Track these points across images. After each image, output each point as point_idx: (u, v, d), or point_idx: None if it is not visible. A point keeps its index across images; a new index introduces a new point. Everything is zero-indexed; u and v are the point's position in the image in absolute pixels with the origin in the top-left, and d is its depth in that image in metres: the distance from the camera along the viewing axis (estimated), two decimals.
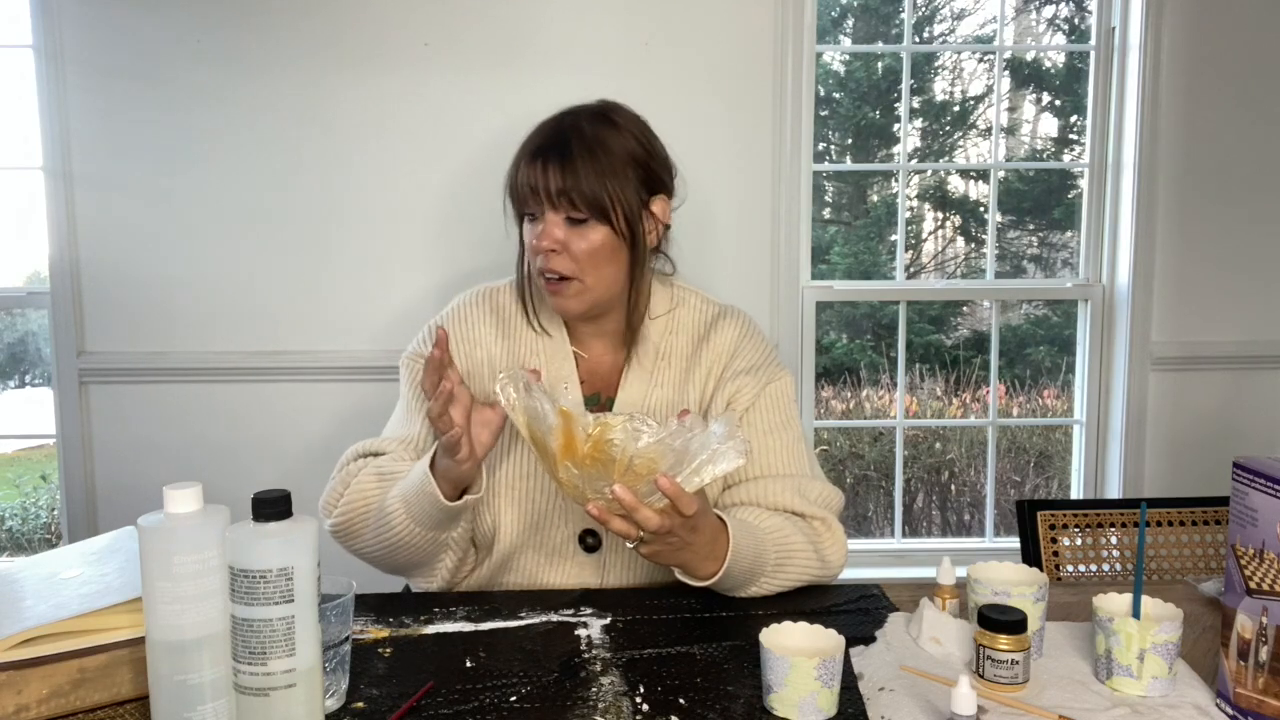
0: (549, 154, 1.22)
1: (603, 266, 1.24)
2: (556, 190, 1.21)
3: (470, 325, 1.34)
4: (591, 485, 1.01)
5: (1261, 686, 0.87)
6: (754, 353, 1.35)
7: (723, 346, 1.34)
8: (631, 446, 0.98)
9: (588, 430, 0.99)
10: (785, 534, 1.19)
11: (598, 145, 1.23)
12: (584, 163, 1.21)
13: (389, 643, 1.07)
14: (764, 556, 1.16)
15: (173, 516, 0.81)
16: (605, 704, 0.93)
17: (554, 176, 1.21)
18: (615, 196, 1.22)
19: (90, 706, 0.91)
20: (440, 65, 2.16)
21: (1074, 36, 3.03)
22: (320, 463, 2.19)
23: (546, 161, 1.22)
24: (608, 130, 1.25)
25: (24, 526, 3.93)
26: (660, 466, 0.99)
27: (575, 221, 1.22)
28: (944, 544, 2.72)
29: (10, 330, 3.50)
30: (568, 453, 1.00)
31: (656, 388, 1.31)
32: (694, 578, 1.13)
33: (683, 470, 0.99)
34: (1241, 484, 0.89)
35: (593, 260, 1.23)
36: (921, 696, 0.93)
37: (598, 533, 1.28)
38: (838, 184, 3.71)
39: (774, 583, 1.19)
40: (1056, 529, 1.59)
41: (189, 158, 2.16)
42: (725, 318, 1.36)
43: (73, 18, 2.12)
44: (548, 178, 1.21)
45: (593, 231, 1.23)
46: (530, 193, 1.23)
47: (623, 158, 1.24)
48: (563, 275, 1.23)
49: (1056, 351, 3.50)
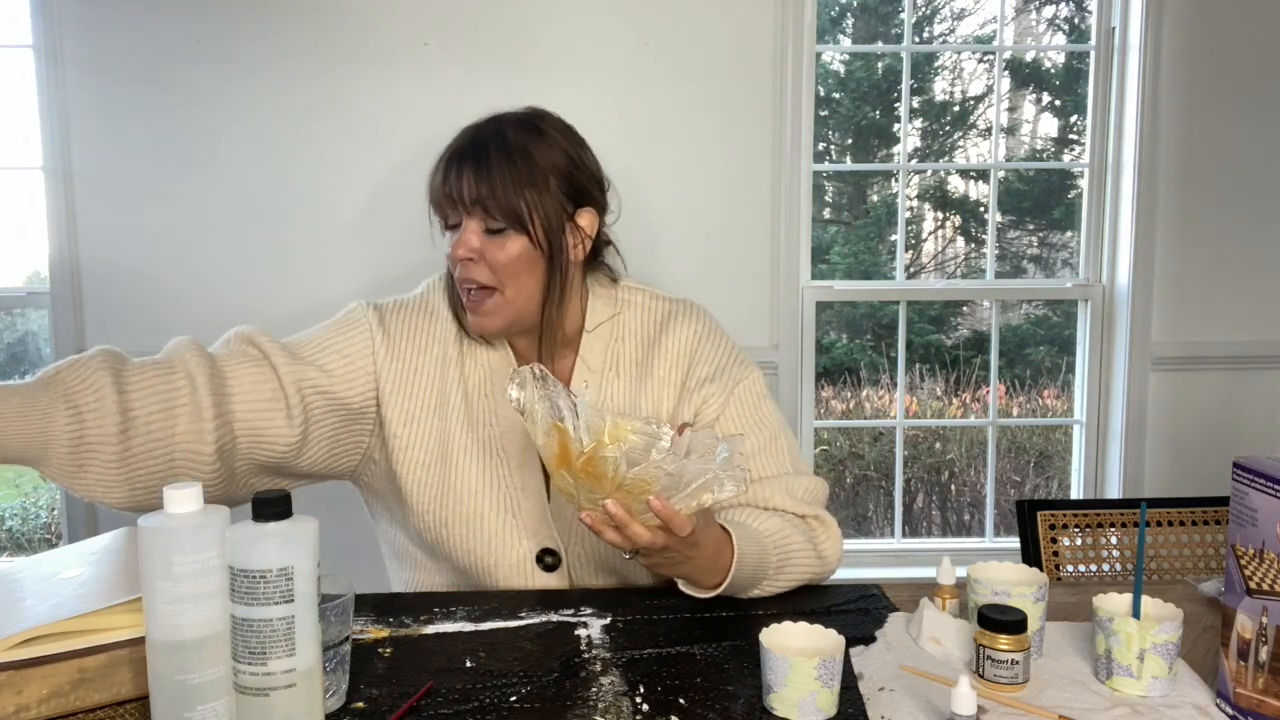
0: (466, 159, 1.17)
1: (521, 278, 1.18)
2: (471, 198, 1.15)
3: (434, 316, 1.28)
4: (586, 495, 1.00)
5: (1261, 686, 0.87)
6: (714, 355, 1.28)
7: (678, 350, 1.27)
8: (623, 467, 0.97)
9: (582, 448, 0.98)
10: (785, 535, 1.17)
11: (518, 153, 1.17)
12: (501, 170, 1.15)
13: (389, 643, 1.07)
14: (766, 561, 1.14)
15: (173, 516, 0.81)
16: (605, 704, 0.93)
17: (469, 183, 1.15)
18: (533, 206, 1.16)
19: (90, 706, 0.91)
20: (440, 65, 2.16)
21: (1074, 36, 3.03)
22: None
23: (463, 167, 1.16)
24: (532, 138, 1.19)
25: (24, 526, 3.93)
26: (653, 489, 0.97)
27: (493, 231, 1.17)
28: (944, 544, 2.72)
29: (10, 330, 3.50)
30: (562, 463, 0.99)
31: (609, 400, 1.25)
32: (697, 589, 1.12)
33: (678, 494, 0.98)
34: (1241, 484, 0.89)
35: (510, 271, 1.17)
36: (921, 696, 0.93)
37: (556, 551, 1.24)
38: (838, 184, 3.71)
39: (775, 585, 1.18)
40: (1056, 529, 1.59)
41: (189, 157, 2.17)
42: (676, 317, 1.28)
43: (73, 18, 2.12)
44: (463, 184, 1.16)
45: (510, 242, 1.17)
46: (446, 199, 1.18)
47: (545, 167, 1.18)
48: (481, 284, 1.17)
49: (1056, 351, 3.51)
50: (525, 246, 1.17)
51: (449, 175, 1.17)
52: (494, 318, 1.19)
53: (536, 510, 1.24)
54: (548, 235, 1.18)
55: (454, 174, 1.17)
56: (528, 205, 1.16)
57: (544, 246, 1.18)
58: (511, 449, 1.24)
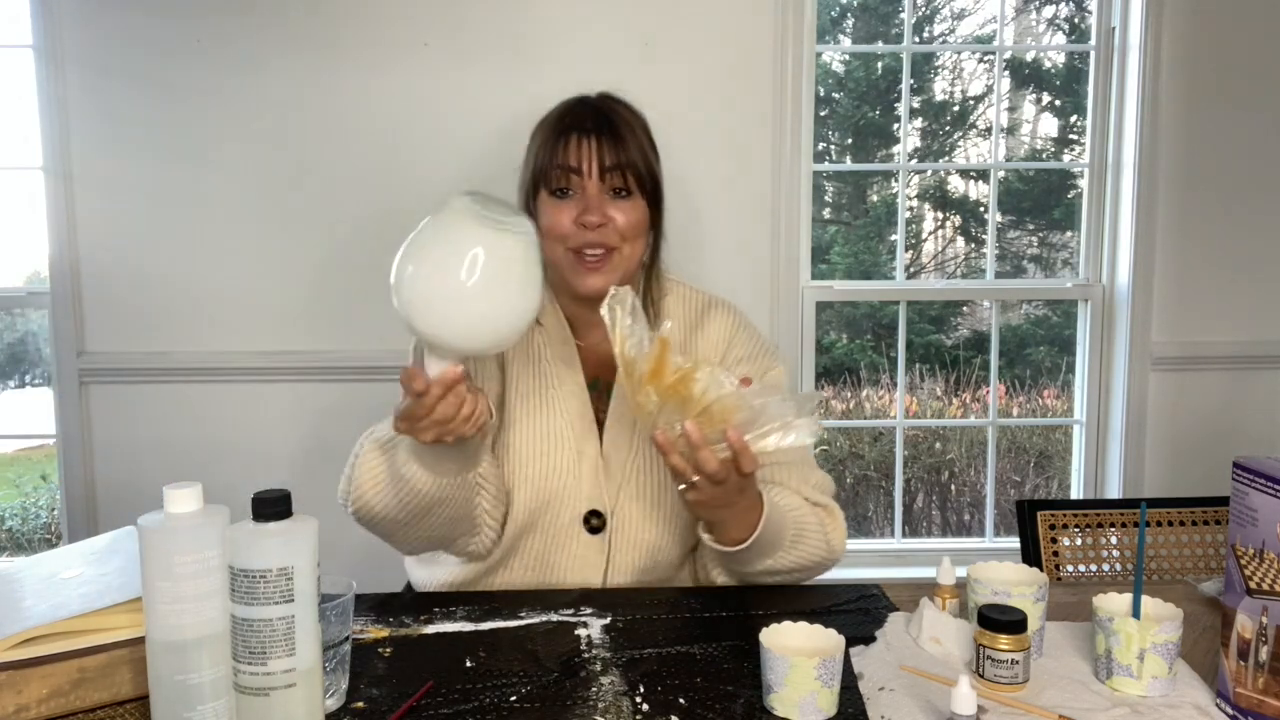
0: (593, 129, 1.24)
1: (638, 240, 1.27)
2: (611, 163, 1.23)
3: None
4: (665, 417, 1.03)
5: (1261, 686, 0.87)
6: (749, 343, 1.36)
7: (717, 336, 1.35)
8: (713, 392, 1.00)
9: (678, 363, 1.02)
10: (801, 514, 1.22)
11: (638, 125, 1.29)
12: (633, 137, 1.26)
13: (389, 642, 1.07)
14: (784, 533, 1.19)
15: (173, 516, 0.81)
16: (605, 704, 0.93)
17: (607, 151, 1.23)
18: (654, 172, 1.28)
19: (90, 706, 0.91)
20: (440, 65, 2.16)
21: (1074, 36, 3.03)
22: (320, 463, 2.20)
23: (598, 135, 1.24)
24: (629, 111, 1.31)
25: (24, 526, 3.93)
26: (733, 420, 1.01)
27: (618, 194, 1.25)
28: (944, 544, 2.72)
29: (10, 330, 3.50)
30: (654, 378, 1.02)
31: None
32: (722, 541, 1.15)
33: (751, 431, 1.02)
34: (1241, 484, 0.89)
35: (632, 232, 1.25)
36: (921, 696, 0.93)
37: (602, 514, 1.28)
38: (838, 184, 3.71)
39: (786, 559, 1.20)
40: (1056, 529, 1.59)
41: (189, 157, 2.17)
42: (716, 308, 1.38)
43: (73, 18, 2.12)
44: (601, 151, 1.23)
45: (635, 204, 1.26)
46: (572, 168, 1.24)
47: (646, 136, 1.30)
48: (609, 246, 1.24)
49: (1056, 351, 3.50)
50: (644, 209, 1.27)
51: (572, 144, 1.24)
52: (611, 275, 1.25)
53: (590, 472, 1.28)
54: (657, 201, 1.29)
55: (580, 143, 1.24)
56: (651, 173, 1.27)
57: (655, 209, 1.29)
58: (572, 413, 1.29)
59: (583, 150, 1.24)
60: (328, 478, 1.34)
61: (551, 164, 1.24)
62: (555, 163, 1.24)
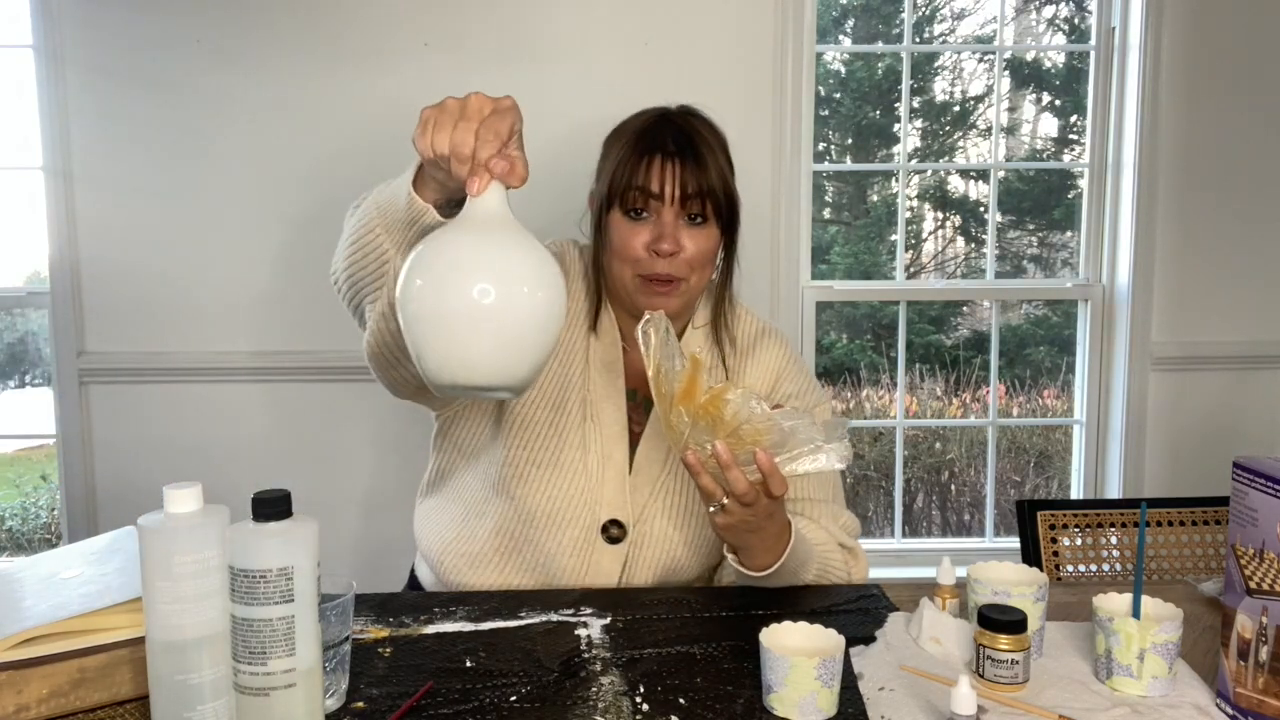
0: (676, 153, 1.20)
1: (706, 268, 1.25)
2: (692, 191, 1.20)
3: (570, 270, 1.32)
4: (696, 437, 1.04)
5: (1261, 686, 0.87)
6: (799, 378, 1.36)
7: (768, 365, 1.35)
8: (744, 413, 1.01)
9: (710, 385, 1.03)
10: (828, 551, 1.23)
11: (720, 148, 1.25)
12: (716, 164, 1.22)
13: (389, 642, 1.07)
14: (809, 563, 1.19)
15: (173, 516, 0.81)
16: (605, 704, 0.93)
17: (689, 176, 1.20)
18: (732, 197, 1.24)
19: (90, 706, 0.91)
20: (440, 65, 2.16)
21: (1074, 36, 3.03)
22: (321, 463, 2.20)
23: (681, 160, 1.20)
24: (711, 130, 1.27)
25: (24, 526, 3.93)
26: (763, 442, 1.02)
27: (693, 221, 1.22)
28: (944, 544, 2.72)
29: (10, 330, 3.50)
30: (686, 398, 1.03)
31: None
32: (748, 566, 1.15)
33: (780, 454, 1.02)
34: (1241, 484, 0.89)
35: (701, 261, 1.23)
36: (921, 696, 0.93)
37: (623, 524, 1.27)
38: (838, 184, 3.71)
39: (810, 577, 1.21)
40: (1056, 529, 1.59)
41: (189, 157, 2.17)
42: (769, 336, 1.37)
43: (73, 18, 2.12)
44: (683, 177, 1.20)
45: (709, 232, 1.23)
46: (653, 193, 1.20)
47: (726, 157, 1.26)
48: (675, 278, 1.22)
49: (1056, 351, 3.50)
50: (717, 236, 1.25)
51: (655, 167, 1.20)
52: (675, 301, 1.24)
53: (615, 479, 1.27)
54: (732, 227, 1.26)
55: (664, 167, 1.20)
56: (730, 198, 1.24)
57: (727, 238, 1.26)
58: (604, 418, 1.28)
59: (666, 174, 1.20)
60: (328, 478, 1.34)
61: (631, 184, 1.21)
62: (634, 184, 1.21)
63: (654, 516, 1.27)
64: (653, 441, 1.29)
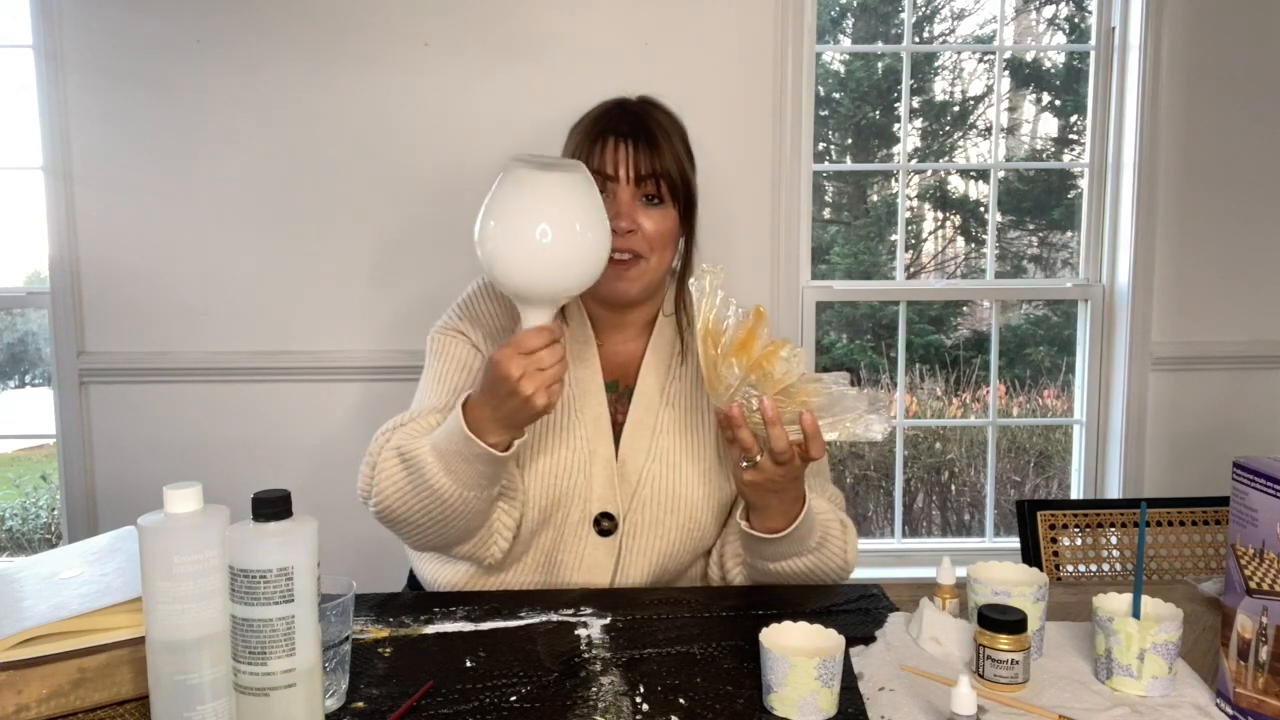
0: (629, 135, 1.25)
1: (667, 249, 1.29)
2: (646, 171, 1.24)
3: (495, 299, 1.35)
4: (742, 391, 1.05)
5: (1261, 686, 0.87)
6: None
7: None
8: (796, 372, 1.03)
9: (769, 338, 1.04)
10: (829, 520, 1.24)
11: (675, 132, 1.30)
12: (671, 145, 1.26)
13: (389, 642, 1.07)
14: (814, 532, 1.20)
15: (173, 516, 0.81)
16: (605, 704, 0.93)
17: (642, 158, 1.24)
18: (688, 181, 1.29)
19: (90, 706, 0.91)
20: (440, 65, 2.16)
21: (1074, 36, 3.03)
22: (321, 463, 2.20)
23: (634, 141, 1.24)
24: (668, 117, 1.31)
25: (24, 526, 3.93)
26: (811, 403, 1.03)
27: (650, 201, 1.26)
28: (944, 544, 2.72)
29: (10, 330, 3.50)
30: (741, 350, 1.04)
31: (675, 380, 1.33)
32: (763, 526, 1.16)
33: (824, 418, 1.04)
34: (1241, 484, 0.89)
35: (662, 240, 1.27)
36: (921, 696, 0.93)
37: (613, 516, 1.27)
38: (838, 184, 3.71)
39: (808, 560, 1.21)
40: (1056, 529, 1.59)
41: (189, 157, 2.17)
42: None
43: (73, 18, 2.12)
44: (636, 158, 1.24)
45: (667, 213, 1.27)
46: (607, 174, 1.24)
47: (683, 143, 1.31)
48: (636, 253, 1.25)
49: (1056, 351, 3.50)
50: (675, 218, 1.28)
51: (608, 149, 1.25)
52: (637, 283, 1.27)
53: (603, 473, 1.28)
54: (690, 208, 1.30)
55: (616, 148, 1.25)
56: (685, 182, 1.28)
57: (686, 219, 1.30)
58: (587, 413, 1.29)
59: (618, 155, 1.24)
60: (329, 478, 1.34)
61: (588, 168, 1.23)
62: (591, 167, 1.23)
63: (643, 505, 1.28)
64: (636, 433, 1.29)
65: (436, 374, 1.32)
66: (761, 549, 1.19)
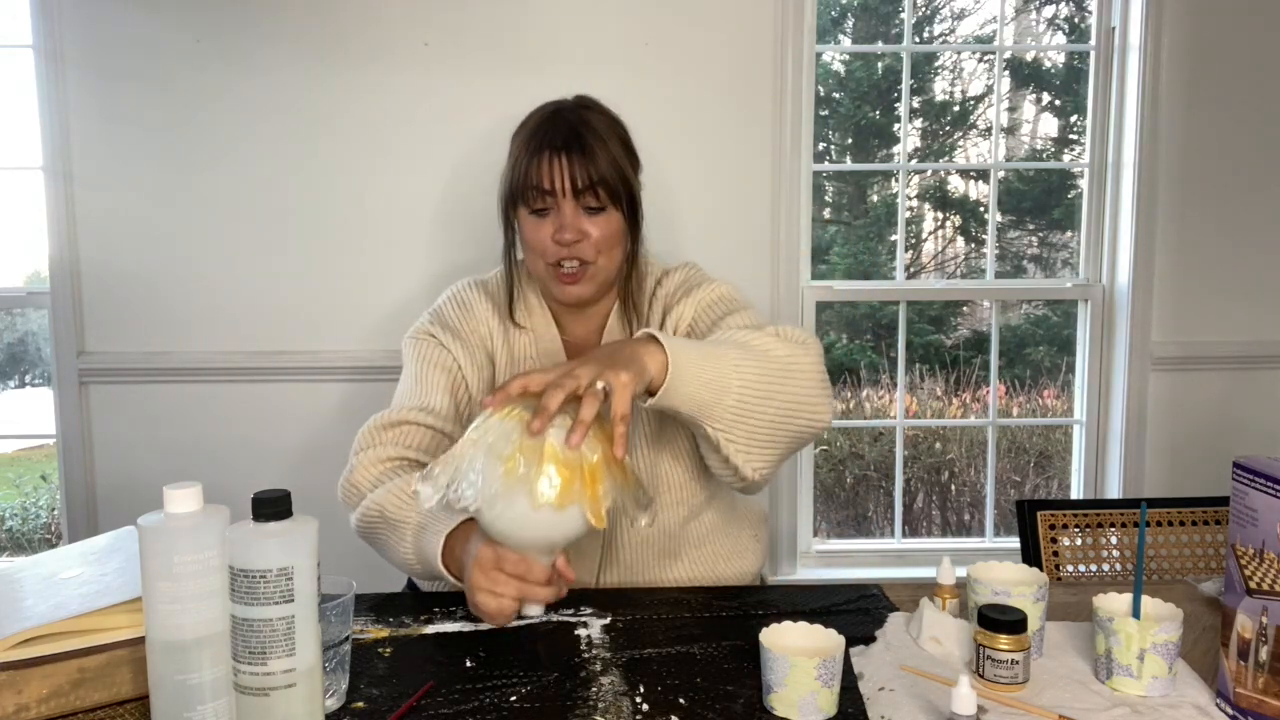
0: (563, 148, 1.26)
1: (615, 250, 1.31)
2: (583, 183, 1.25)
3: (469, 306, 1.40)
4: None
5: (1261, 686, 0.87)
6: (682, 278, 1.38)
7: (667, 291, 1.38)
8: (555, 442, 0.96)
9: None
10: (740, 334, 1.14)
11: (609, 136, 1.29)
12: (605, 154, 1.27)
13: (389, 642, 1.07)
14: (718, 342, 1.11)
15: (173, 516, 0.81)
16: (605, 704, 0.93)
17: (578, 169, 1.25)
18: (630, 183, 1.30)
19: (90, 706, 0.92)
20: (440, 65, 2.16)
21: (1074, 36, 3.03)
22: (320, 463, 2.20)
23: (569, 154, 1.25)
24: (603, 119, 1.32)
25: (24, 526, 3.93)
26: None
27: (592, 210, 1.28)
28: (944, 544, 2.72)
29: (10, 330, 3.50)
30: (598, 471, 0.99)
31: None
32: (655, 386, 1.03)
33: None
34: (1241, 484, 0.89)
35: (608, 244, 1.29)
36: (921, 696, 0.93)
37: None
38: (838, 184, 3.71)
39: (750, 368, 1.08)
40: (1056, 529, 1.59)
41: (189, 157, 2.17)
42: (671, 273, 1.41)
43: (73, 18, 2.12)
44: (572, 170, 1.25)
45: (611, 217, 1.29)
46: (545, 188, 1.26)
47: (621, 143, 1.31)
48: (584, 261, 1.28)
49: (1056, 351, 3.50)
50: (619, 220, 1.30)
51: (545, 165, 1.26)
52: (589, 285, 1.31)
53: None
54: (633, 205, 1.32)
55: (552, 163, 1.25)
56: (625, 183, 1.29)
57: (631, 217, 1.32)
58: None
59: (555, 170, 1.25)
60: (328, 478, 1.34)
61: (526, 184, 1.27)
62: (529, 183, 1.27)
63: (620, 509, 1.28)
64: None
65: (415, 375, 1.37)
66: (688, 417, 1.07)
